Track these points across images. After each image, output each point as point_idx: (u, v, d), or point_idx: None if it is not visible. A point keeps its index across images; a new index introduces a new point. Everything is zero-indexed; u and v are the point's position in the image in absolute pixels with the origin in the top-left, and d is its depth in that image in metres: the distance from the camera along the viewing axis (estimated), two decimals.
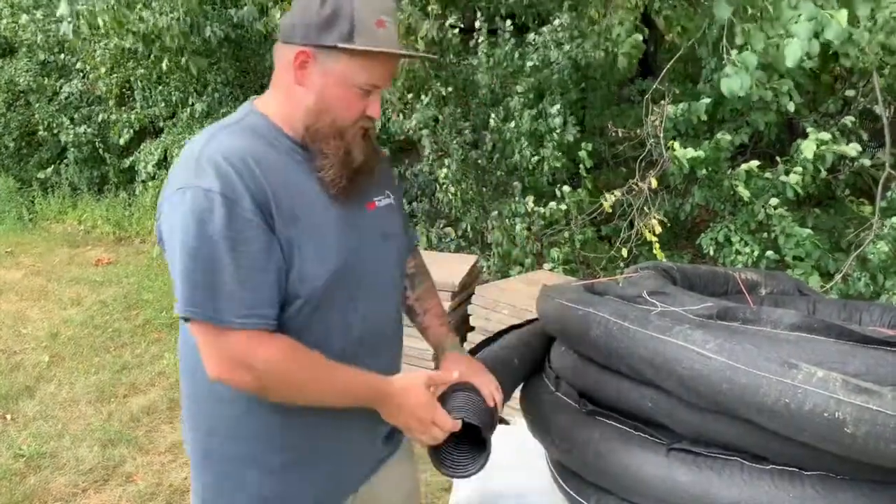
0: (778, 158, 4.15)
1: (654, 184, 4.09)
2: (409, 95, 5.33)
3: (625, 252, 4.30)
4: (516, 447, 1.76)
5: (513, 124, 4.83)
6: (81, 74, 7.63)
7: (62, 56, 7.74)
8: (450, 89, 5.22)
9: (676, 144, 3.93)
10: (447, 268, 3.92)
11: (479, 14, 5.12)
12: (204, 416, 1.26)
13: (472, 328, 3.68)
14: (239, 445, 1.24)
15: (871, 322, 1.57)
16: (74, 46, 7.01)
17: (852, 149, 3.49)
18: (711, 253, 4.18)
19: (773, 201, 3.81)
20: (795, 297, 1.71)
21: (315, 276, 1.16)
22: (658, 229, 3.97)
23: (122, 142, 7.11)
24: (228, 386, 1.15)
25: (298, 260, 1.15)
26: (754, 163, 3.95)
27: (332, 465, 1.29)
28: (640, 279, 1.51)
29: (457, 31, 5.14)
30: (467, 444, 1.26)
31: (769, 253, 3.86)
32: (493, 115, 4.95)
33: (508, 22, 5.11)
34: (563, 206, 4.52)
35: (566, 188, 4.56)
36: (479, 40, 5.04)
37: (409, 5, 4.66)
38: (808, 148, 3.55)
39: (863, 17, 2.71)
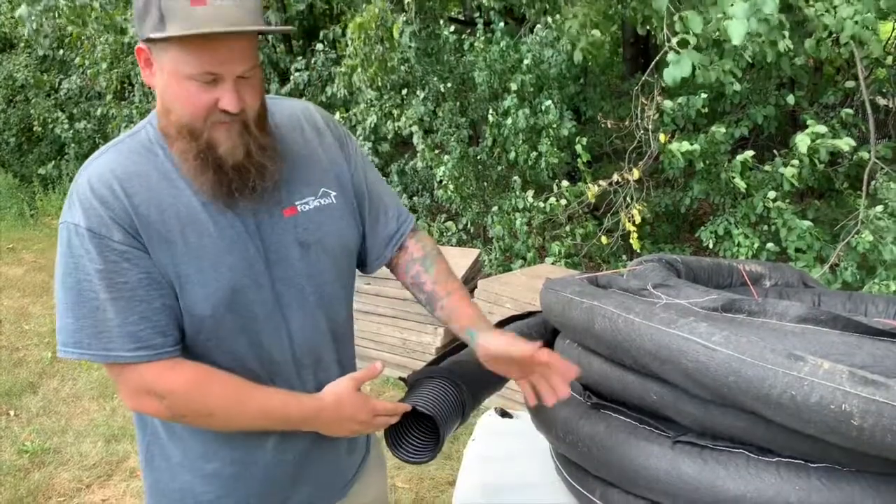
0: (776, 151, 4.15)
1: (637, 174, 4.11)
2: (404, 92, 5.31)
3: (604, 240, 4.36)
4: (520, 440, 1.77)
5: (509, 121, 4.82)
6: (81, 70, 7.61)
7: (61, 52, 7.72)
8: (448, 85, 5.21)
9: (663, 137, 3.94)
10: (449, 262, 3.91)
11: (475, 12, 5.09)
12: (146, 423, 1.23)
13: None
14: (179, 450, 1.20)
15: (877, 313, 1.56)
16: (74, 42, 6.99)
17: (845, 143, 3.50)
18: (711, 246, 4.19)
19: (772, 194, 3.82)
20: (800, 289, 1.70)
21: (201, 302, 1.08)
22: (638, 219, 3.99)
23: None
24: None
25: (179, 287, 1.08)
26: (749, 153, 3.96)
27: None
28: (644, 272, 1.51)
29: (452, 28, 5.12)
30: (429, 432, 1.26)
31: (770, 245, 3.87)
32: (491, 111, 4.93)
33: (501, 19, 5.08)
34: (563, 202, 4.52)
35: (564, 182, 4.56)
36: (476, 36, 5.02)
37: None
38: (802, 142, 3.56)
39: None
